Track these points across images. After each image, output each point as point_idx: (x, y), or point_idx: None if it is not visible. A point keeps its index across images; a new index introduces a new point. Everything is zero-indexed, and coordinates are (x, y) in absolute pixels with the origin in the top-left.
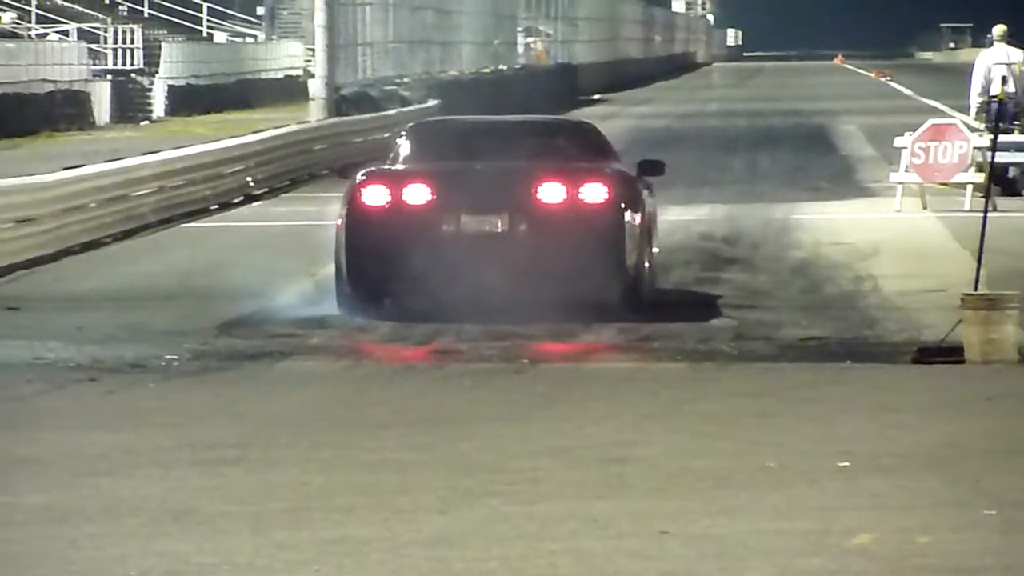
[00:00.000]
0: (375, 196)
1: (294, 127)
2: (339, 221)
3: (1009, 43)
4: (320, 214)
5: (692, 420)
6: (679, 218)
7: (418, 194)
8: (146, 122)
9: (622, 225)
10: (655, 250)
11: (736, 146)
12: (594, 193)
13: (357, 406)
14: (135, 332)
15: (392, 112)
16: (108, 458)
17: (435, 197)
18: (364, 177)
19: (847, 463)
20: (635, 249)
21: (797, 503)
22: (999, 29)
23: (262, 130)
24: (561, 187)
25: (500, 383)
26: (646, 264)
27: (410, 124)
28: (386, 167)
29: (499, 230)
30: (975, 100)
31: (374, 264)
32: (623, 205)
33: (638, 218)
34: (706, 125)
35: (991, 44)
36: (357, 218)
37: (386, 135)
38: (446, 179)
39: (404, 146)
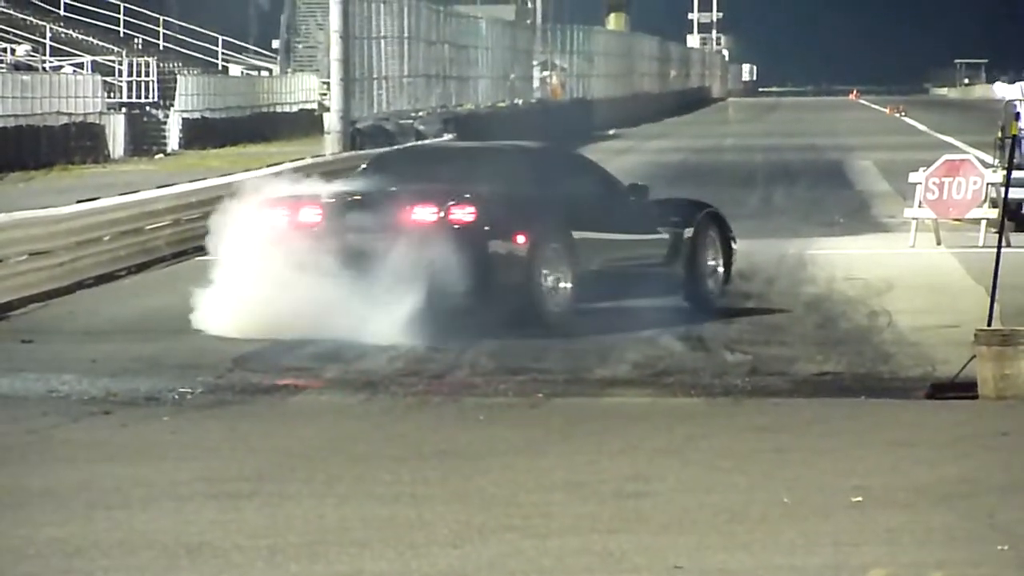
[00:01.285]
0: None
1: (309, 160)
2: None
3: None
4: None
5: (707, 455)
6: None
7: (309, 215)
8: (161, 155)
9: (486, 245)
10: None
11: (752, 181)
12: (460, 214)
13: (372, 440)
14: (149, 365)
15: (408, 145)
16: (122, 491)
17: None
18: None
19: (861, 498)
20: (517, 268)
21: (811, 538)
22: None
23: (278, 163)
24: (431, 209)
25: (515, 417)
26: (560, 282)
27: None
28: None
29: (377, 247)
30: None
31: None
32: (487, 227)
33: (520, 239)
34: (722, 160)
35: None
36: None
37: None
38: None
39: (360, 170)
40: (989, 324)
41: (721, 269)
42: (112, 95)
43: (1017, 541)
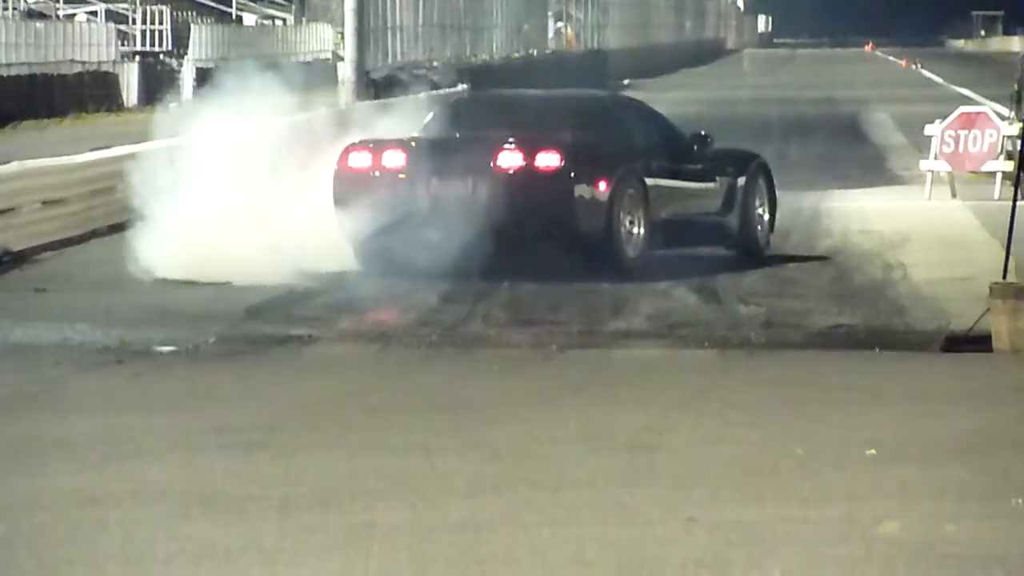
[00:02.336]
0: (358, 161)
1: (323, 110)
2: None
3: None
4: None
5: (720, 407)
6: None
7: (394, 160)
8: (174, 104)
9: (571, 191)
10: (663, 216)
11: (767, 133)
12: (546, 160)
13: (385, 391)
14: (162, 315)
15: (422, 96)
16: (135, 441)
17: (407, 163)
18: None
19: (874, 451)
20: (598, 214)
21: (825, 491)
22: None
23: (289, 114)
24: (517, 155)
25: (528, 369)
26: (635, 228)
27: (450, 99)
28: (370, 138)
29: (462, 193)
30: None
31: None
32: (573, 173)
33: (602, 185)
34: (737, 112)
35: None
36: (343, 181)
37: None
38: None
39: (433, 118)
40: (1004, 277)
41: (767, 218)
42: (126, 44)
43: None
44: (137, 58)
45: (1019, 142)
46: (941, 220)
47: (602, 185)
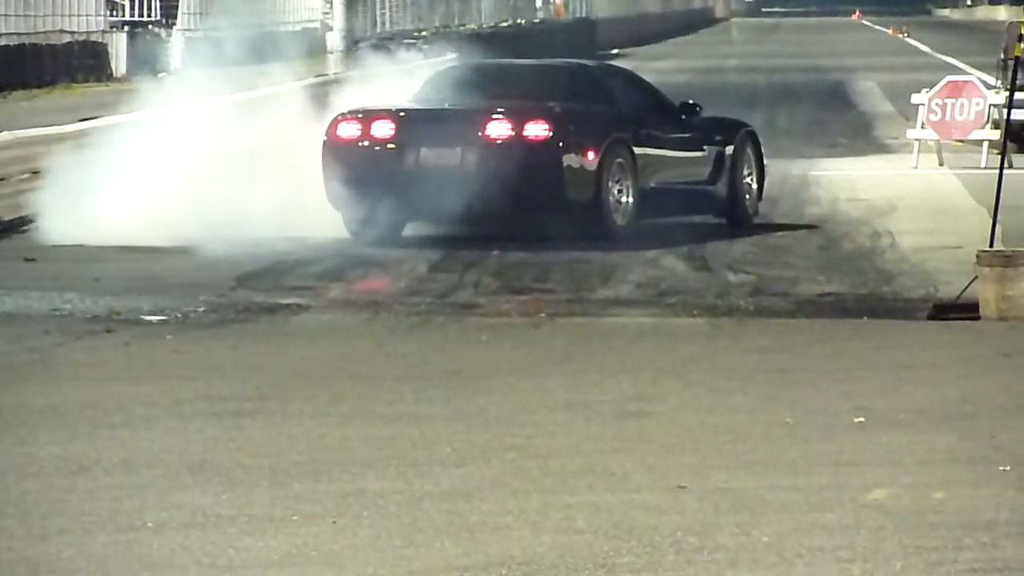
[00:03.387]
0: (347, 131)
1: (312, 79)
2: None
3: None
4: None
5: (709, 375)
6: None
7: (383, 129)
8: (163, 74)
9: (560, 160)
10: (651, 185)
11: (755, 102)
12: (535, 130)
13: (375, 360)
14: (152, 284)
15: (411, 65)
16: (125, 410)
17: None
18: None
19: (863, 419)
20: (587, 183)
21: (813, 458)
22: None
23: (276, 83)
24: (506, 124)
25: (518, 337)
26: (624, 197)
27: (438, 69)
28: (358, 108)
29: (454, 164)
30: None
31: (347, 192)
32: (561, 143)
33: (591, 154)
34: (725, 80)
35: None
36: (332, 150)
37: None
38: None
39: (422, 88)
40: (991, 245)
41: (755, 187)
42: (115, 14)
43: (1018, 462)
44: (126, 28)
45: (1005, 111)
46: (928, 188)
47: (590, 154)
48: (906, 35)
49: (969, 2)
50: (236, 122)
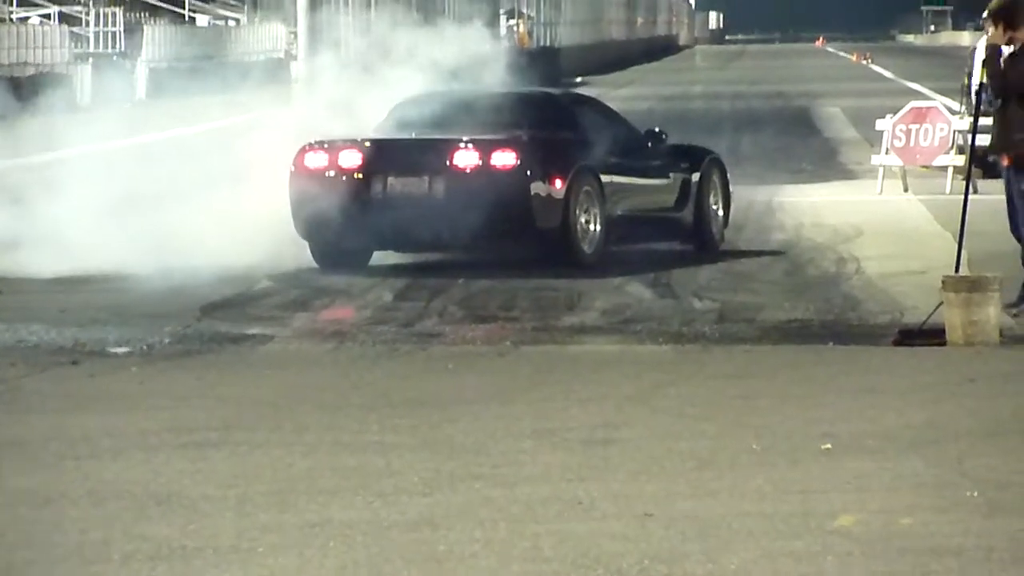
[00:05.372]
0: (314, 161)
1: (275, 109)
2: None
3: None
4: None
5: (675, 402)
6: None
7: (350, 159)
8: (128, 104)
9: (527, 189)
10: (618, 212)
11: (719, 128)
12: (502, 158)
13: (341, 389)
14: (117, 315)
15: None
16: (91, 441)
17: (363, 163)
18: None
19: (830, 445)
20: (555, 211)
21: (780, 485)
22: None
23: (245, 112)
24: (473, 153)
25: (483, 366)
26: (591, 225)
27: (404, 97)
28: (325, 138)
29: (421, 193)
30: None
31: (315, 221)
32: (529, 171)
33: (558, 182)
34: (689, 107)
35: (981, 28)
36: (299, 180)
37: None
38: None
39: (388, 117)
40: (957, 270)
41: (721, 213)
42: (79, 46)
43: (985, 487)
44: (90, 60)
45: (970, 136)
46: (894, 214)
47: (558, 182)
48: (870, 61)
49: (932, 28)
50: (197, 151)
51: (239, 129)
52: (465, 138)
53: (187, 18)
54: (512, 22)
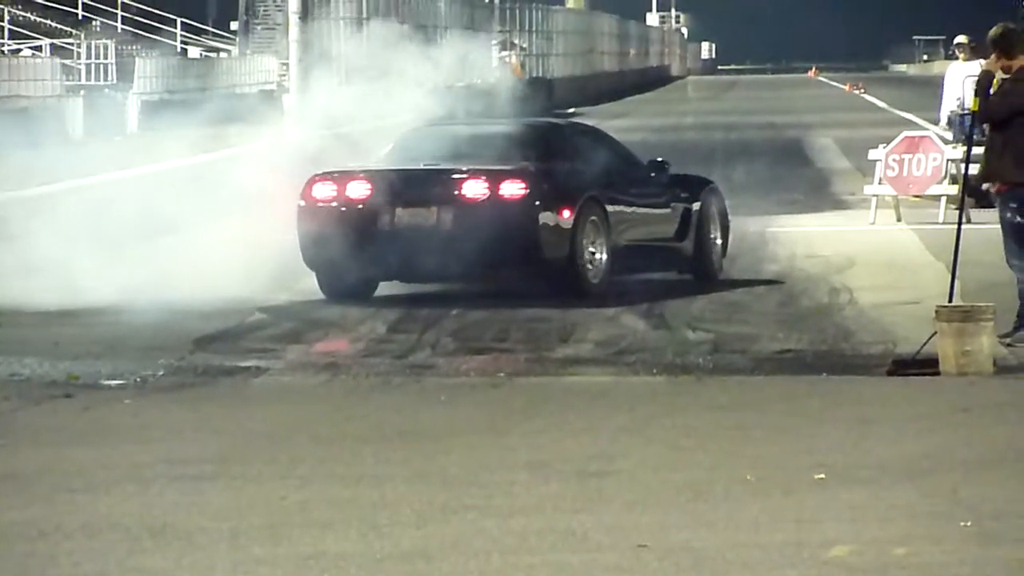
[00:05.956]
0: (323, 191)
1: (269, 140)
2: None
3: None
4: None
5: (669, 433)
6: None
7: (356, 190)
8: (119, 137)
9: (536, 219)
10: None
11: (712, 159)
12: (511, 189)
13: (334, 421)
14: (111, 347)
15: (369, 125)
16: (85, 474)
17: (372, 193)
18: (315, 176)
19: (823, 475)
20: (563, 241)
21: (774, 515)
22: (965, 39)
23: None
24: (482, 184)
25: (477, 397)
26: (596, 255)
27: (409, 128)
28: (334, 168)
29: (430, 224)
30: (946, 112)
31: (323, 252)
32: (538, 202)
33: (566, 213)
34: (682, 138)
35: (955, 56)
36: (307, 211)
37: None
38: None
39: (393, 148)
40: (950, 300)
41: (720, 242)
42: (70, 78)
43: (980, 517)
44: (82, 92)
45: (963, 165)
46: (886, 244)
47: (566, 213)
48: (862, 91)
49: (925, 57)
50: (190, 183)
51: (231, 162)
52: (474, 168)
53: (179, 50)
54: (504, 53)
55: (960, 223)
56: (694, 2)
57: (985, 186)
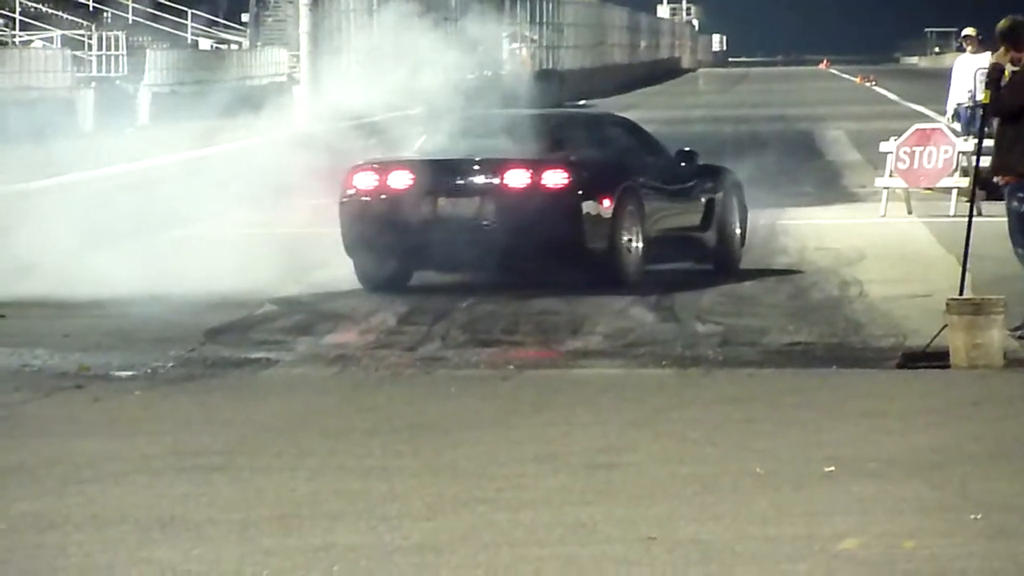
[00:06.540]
0: (365, 181)
1: (282, 132)
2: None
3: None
4: None
5: (678, 426)
6: None
7: (400, 180)
8: (130, 129)
9: (579, 208)
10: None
11: (722, 151)
12: (554, 178)
13: (344, 413)
14: (121, 339)
15: (379, 117)
16: (95, 466)
17: (415, 183)
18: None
19: (833, 468)
20: (604, 230)
21: (783, 508)
22: (972, 31)
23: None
24: (525, 173)
25: (486, 390)
26: (633, 244)
27: (441, 118)
28: (376, 158)
29: (472, 213)
30: (953, 104)
31: (365, 241)
32: (580, 191)
33: (607, 202)
34: (692, 131)
35: (963, 49)
36: (349, 200)
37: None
38: (427, 167)
39: (427, 138)
40: (961, 294)
41: (739, 232)
42: (81, 70)
43: (989, 511)
44: (93, 84)
45: (974, 158)
46: (897, 237)
47: (606, 202)
48: (873, 83)
49: (937, 49)
50: (200, 176)
51: (241, 154)
52: (517, 158)
53: (190, 42)
54: (515, 45)
55: (971, 216)
56: None
57: (995, 179)
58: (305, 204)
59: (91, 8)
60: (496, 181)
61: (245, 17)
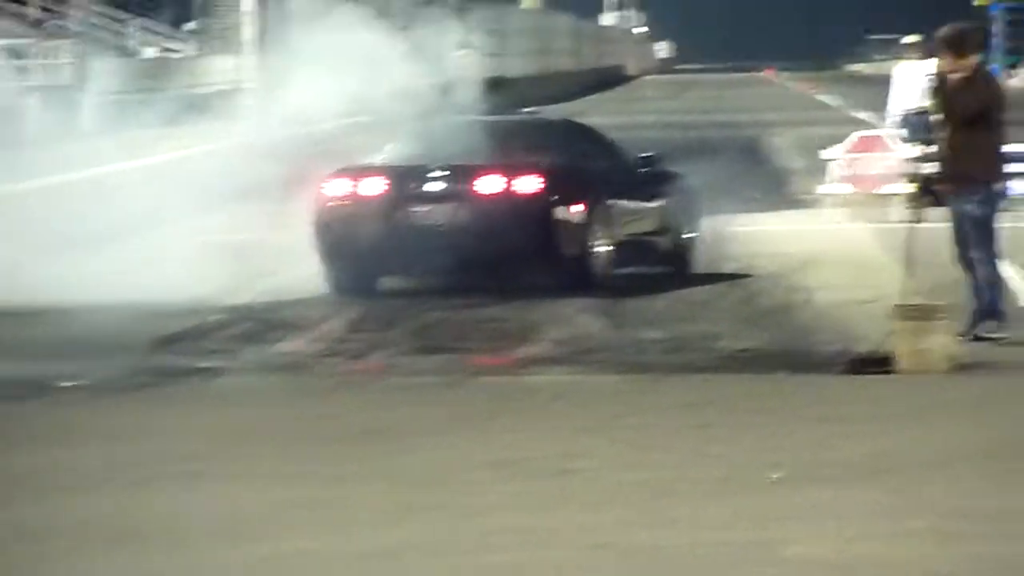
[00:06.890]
0: (339, 187)
1: (231, 140)
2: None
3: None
4: None
5: (631, 432)
6: None
7: (374, 186)
8: (74, 138)
9: (552, 214)
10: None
11: (670, 158)
12: (528, 184)
13: (296, 421)
14: (71, 347)
15: (329, 125)
16: (37, 476)
17: (389, 189)
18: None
19: (784, 474)
20: (577, 235)
21: (737, 514)
22: (915, 38)
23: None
24: (499, 179)
25: (437, 397)
26: (604, 248)
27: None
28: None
29: (448, 219)
30: (896, 110)
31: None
32: (554, 196)
33: (580, 207)
34: (640, 137)
35: (903, 56)
36: (323, 207)
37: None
38: (400, 174)
39: (396, 143)
40: (906, 299)
41: (694, 235)
42: (24, 78)
43: (938, 515)
44: (37, 92)
45: (916, 165)
46: (842, 243)
47: (579, 207)
48: (817, 90)
49: (878, 57)
50: (146, 184)
51: (192, 161)
52: (491, 164)
53: (135, 50)
54: (461, 52)
55: (913, 222)
56: (653, 1)
57: (941, 186)
58: (256, 211)
59: (34, 17)
60: (472, 187)
61: (192, 25)
